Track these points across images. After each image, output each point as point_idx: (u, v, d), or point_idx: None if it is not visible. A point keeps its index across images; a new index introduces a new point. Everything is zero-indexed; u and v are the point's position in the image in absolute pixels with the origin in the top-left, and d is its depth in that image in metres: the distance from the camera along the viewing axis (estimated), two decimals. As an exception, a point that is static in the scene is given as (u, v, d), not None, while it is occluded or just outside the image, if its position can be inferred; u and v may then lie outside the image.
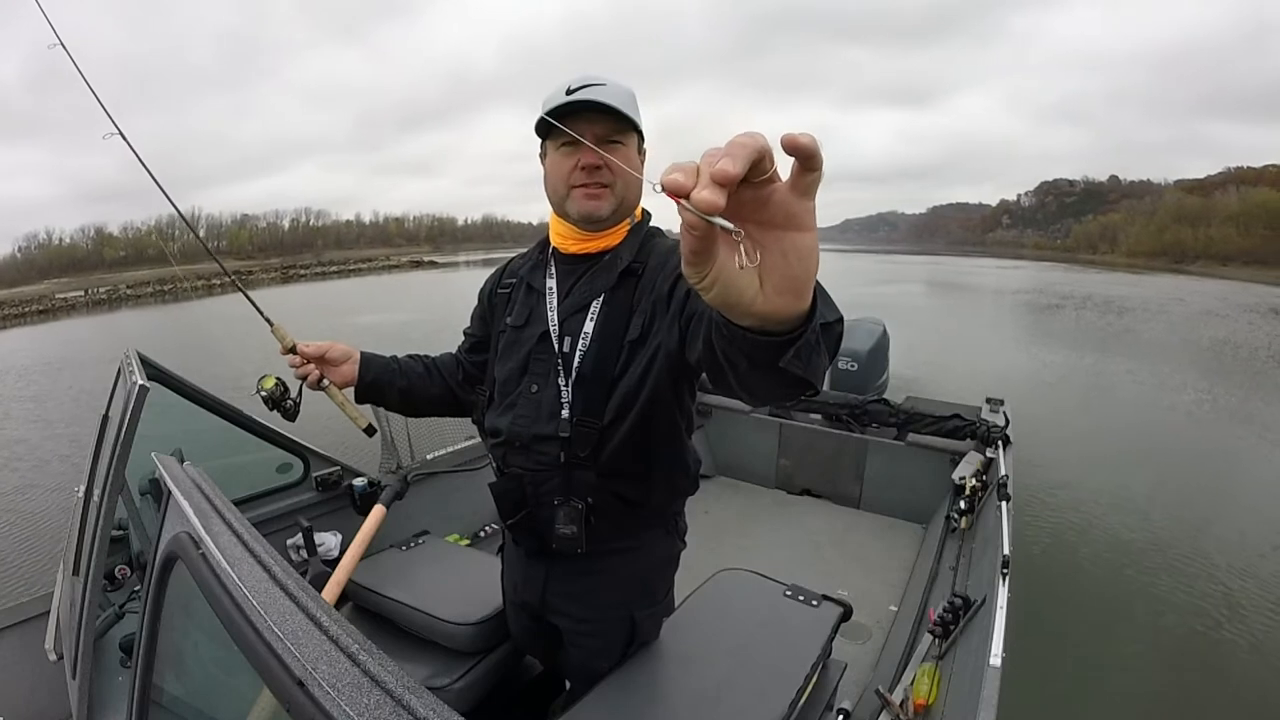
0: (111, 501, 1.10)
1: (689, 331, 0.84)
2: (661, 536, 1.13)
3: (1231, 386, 8.26)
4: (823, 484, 3.13)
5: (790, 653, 1.22)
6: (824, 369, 0.58)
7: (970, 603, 1.67)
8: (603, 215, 0.97)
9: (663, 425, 0.99)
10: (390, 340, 9.84)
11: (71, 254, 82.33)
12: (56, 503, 4.46)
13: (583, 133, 0.92)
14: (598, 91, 0.92)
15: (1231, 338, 12.95)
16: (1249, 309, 20.01)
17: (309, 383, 1.14)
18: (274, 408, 1.22)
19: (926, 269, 43.58)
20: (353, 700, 0.37)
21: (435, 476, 2.39)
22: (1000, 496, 2.02)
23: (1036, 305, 20.30)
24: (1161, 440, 6.16)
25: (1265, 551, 3.67)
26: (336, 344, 1.15)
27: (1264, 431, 6.32)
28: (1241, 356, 10.70)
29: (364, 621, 1.54)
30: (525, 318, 1.05)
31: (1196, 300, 22.64)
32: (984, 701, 1.17)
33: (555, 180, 0.98)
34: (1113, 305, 19.89)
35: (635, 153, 0.99)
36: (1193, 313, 18.12)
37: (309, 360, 1.13)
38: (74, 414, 7.17)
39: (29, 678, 1.44)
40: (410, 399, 1.22)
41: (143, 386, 1.09)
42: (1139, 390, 8.15)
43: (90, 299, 32.11)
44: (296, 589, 0.48)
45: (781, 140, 0.36)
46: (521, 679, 1.57)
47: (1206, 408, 7.31)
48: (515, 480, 1.03)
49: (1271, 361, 10.26)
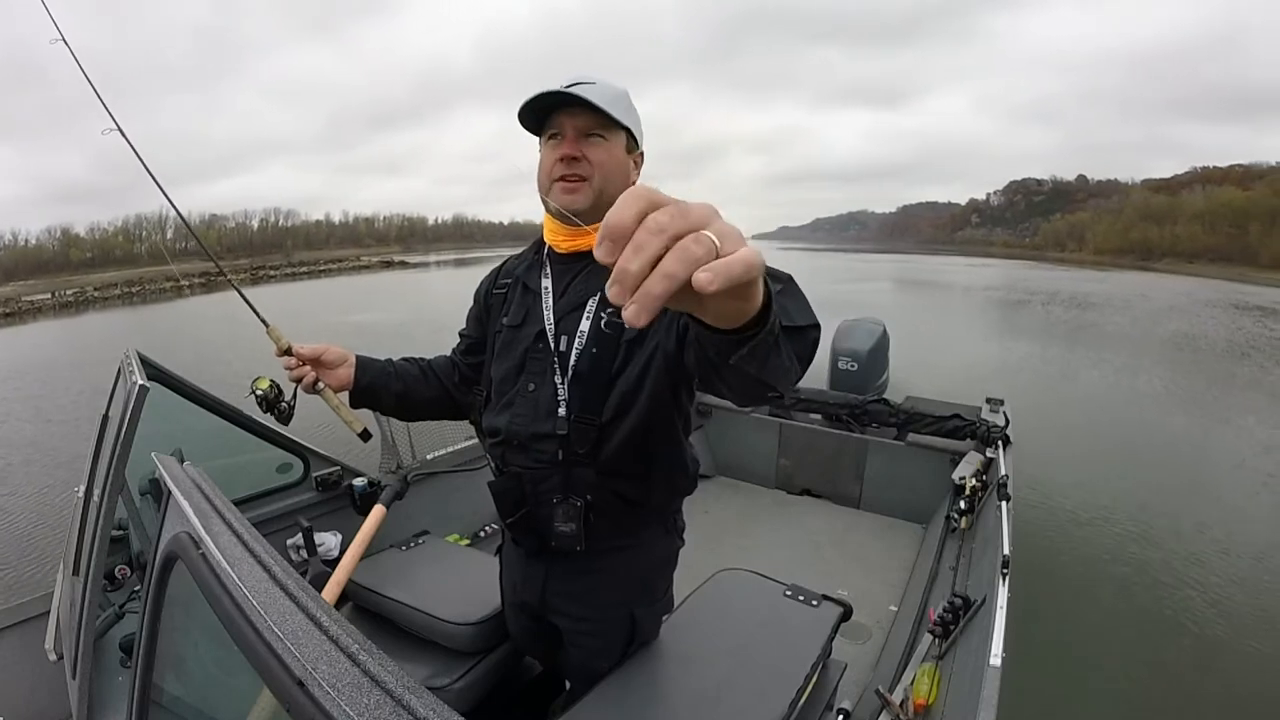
0: (111, 501, 1.10)
1: (686, 337, 0.84)
2: (660, 534, 1.13)
3: (1180, 374, 9.07)
4: (823, 484, 3.13)
5: (790, 653, 1.22)
6: (787, 371, 0.58)
7: (970, 603, 1.67)
8: (580, 208, 0.97)
9: (662, 425, 0.99)
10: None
11: (38, 255, 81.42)
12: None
13: (563, 126, 0.94)
14: (583, 88, 0.92)
15: (1190, 331, 13.87)
16: (1211, 304, 21.08)
17: (304, 385, 1.12)
18: (268, 410, 1.19)
19: (896, 267, 44.71)
20: (353, 700, 0.37)
21: (435, 476, 2.39)
22: (1000, 496, 2.02)
23: (1005, 301, 21.16)
24: (1117, 418, 6.77)
25: (1230, 546, 3.75)
26: (332, 346, 1.13)
27: (1214, 413, 7.05)
28: (1199, 348, 11.62)
29: (364, 621, 1.54)
30: (521, 317, 1.06)
31: (1160, 296, 23.59)
32: (984, 701, 1.17)
33: (541, 173, 0.99)
34: (1077, 301, 20.71)
35: (621, 151, 0.99)
36: (1155, 308, 19.05)
37: (304, 362, 1.11)
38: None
39: (29, 678, 1.44)
40: (406, 402, 1.20)
41: (143, 386, 1.09)
42: (1098, 375, 8.93)
43: (58, 301, 31.18)
44: (296, 589, 0.48)
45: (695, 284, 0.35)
46: (521, 679, 1.57)
47: (1160, 392, 8.03)
48: (514, 479, 1.03)
49: (1227, 354, 11.08)
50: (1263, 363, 10.34)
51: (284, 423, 1.22)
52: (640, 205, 0.36)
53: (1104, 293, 24.29)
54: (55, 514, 4.22)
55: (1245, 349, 11.68)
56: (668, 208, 0.36)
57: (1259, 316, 17.69)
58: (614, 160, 0.98)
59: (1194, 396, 7.82)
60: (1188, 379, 8.75)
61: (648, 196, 0.36)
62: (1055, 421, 6.15)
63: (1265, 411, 7.15)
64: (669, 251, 0.35)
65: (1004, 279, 32.79)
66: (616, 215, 0.35)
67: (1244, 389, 8.42)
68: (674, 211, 0.36)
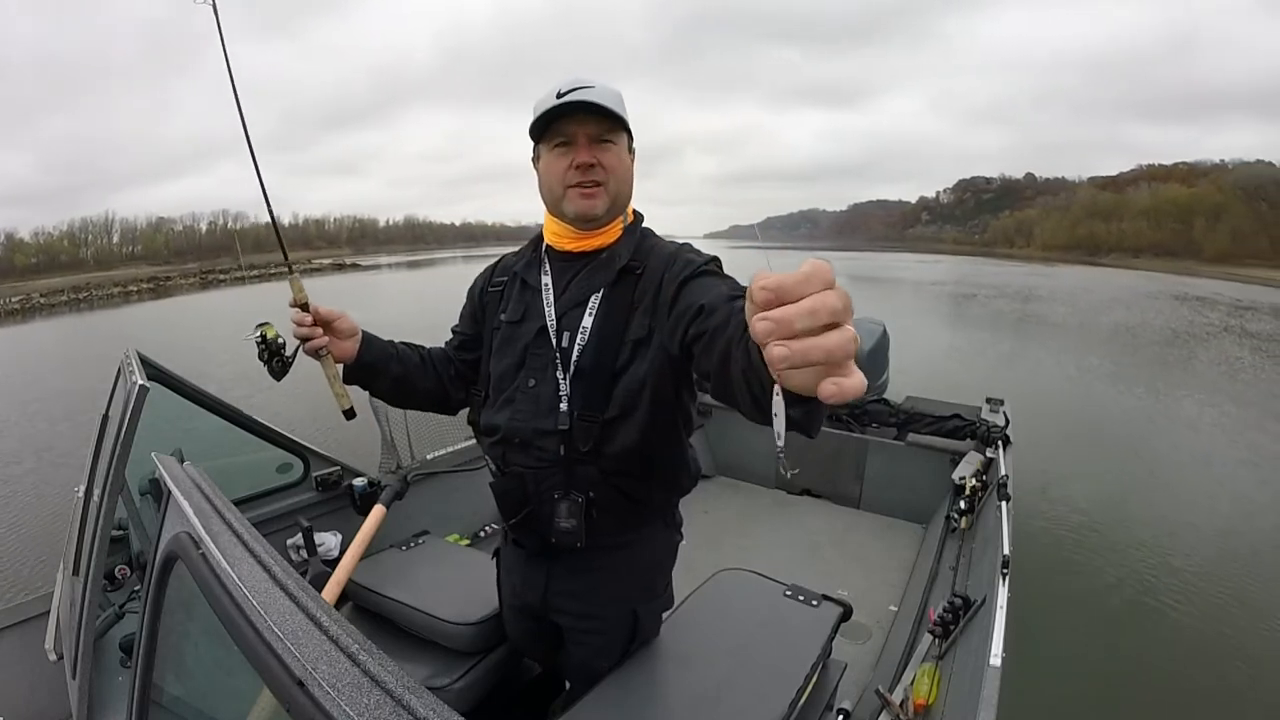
0: (111, 501, 1.10)
1: (697, 345, 0.83)
2: (660, 529, 1.13)
3: (1108, 356, 10.31)
4: (823, 484, 3.13)
5: (790, 653, 1.22)
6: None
7: (970, 603, 1.67)
8: (598, 214, 0.98)
9: (664, 423, 1.00)
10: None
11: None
12: None
13: (574, 134, 0.94)
14: (588, 93, 0.93)
15: (1127, 321, 15.19)
16: (1152, 296, 22.65)
17: (309, 347, 1.04)
18: (266, 360, 1.10)
19: (848, 264, 45.59)
20: (353, 700, 0.37)
21: (435, 476, 2.39)
22: (1000, 496, 2.02)
23: (954, 295, 22.33)
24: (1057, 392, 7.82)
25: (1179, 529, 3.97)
26: (348, 315, 1.07)
27: (1143, 387, 8.13)
28: (1136, 336, 12.89)
29: (364, 621, 1.54)
30: (521, 313, 1.05)
31: (1103, 290, 24.92)
32: (984, 701, 1.17)
33: (550, 180, 0.98)
34: (1021, 294, 21.96)
35: (626, 152, 1.00)
36: (1097, 301, 20.26)
37: (318, 323, 1.04)
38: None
39: (29, 678, 1.44)
40: (401, 388, 1.15)
41: (143, 386, 1.08)
42: (1036, 360, 10.07)
43: (2, 309, 29.63)
44: (296, 589, 0.48)
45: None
46: (521, 679, 1.57)
47: (1090, 375, 9.01)
48: (516, 478, 1.03)
49: (1158, 342, 12.23)
50: (1194, 348, 11.70)
51: (276, 379, 1.13)
52: (819, 285, 0.41)
53: (1050, 287, 25.59)
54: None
55: (1181, 336, 13.07)
56: (843, 294, 0.41)
57: (1197, 307, 19.40)
58: (624, 163, 0.99)
59: (1124, 374, 8.95)
60: (1122, 362, 9.95)
61: (827, 279, 0.41)
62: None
63: (1190, 387, 8.25)
64: (833, 341, 0.40)
65: (953, 274, 34.18)
66: (799, 286, 0.41)
67: (1174, 369, 9.68)
68: (846, 301, 0.41)
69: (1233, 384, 8.61)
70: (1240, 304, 20.94)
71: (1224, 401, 7.47)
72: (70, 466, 4.70)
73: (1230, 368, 9.82)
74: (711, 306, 0.81)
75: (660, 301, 0.94)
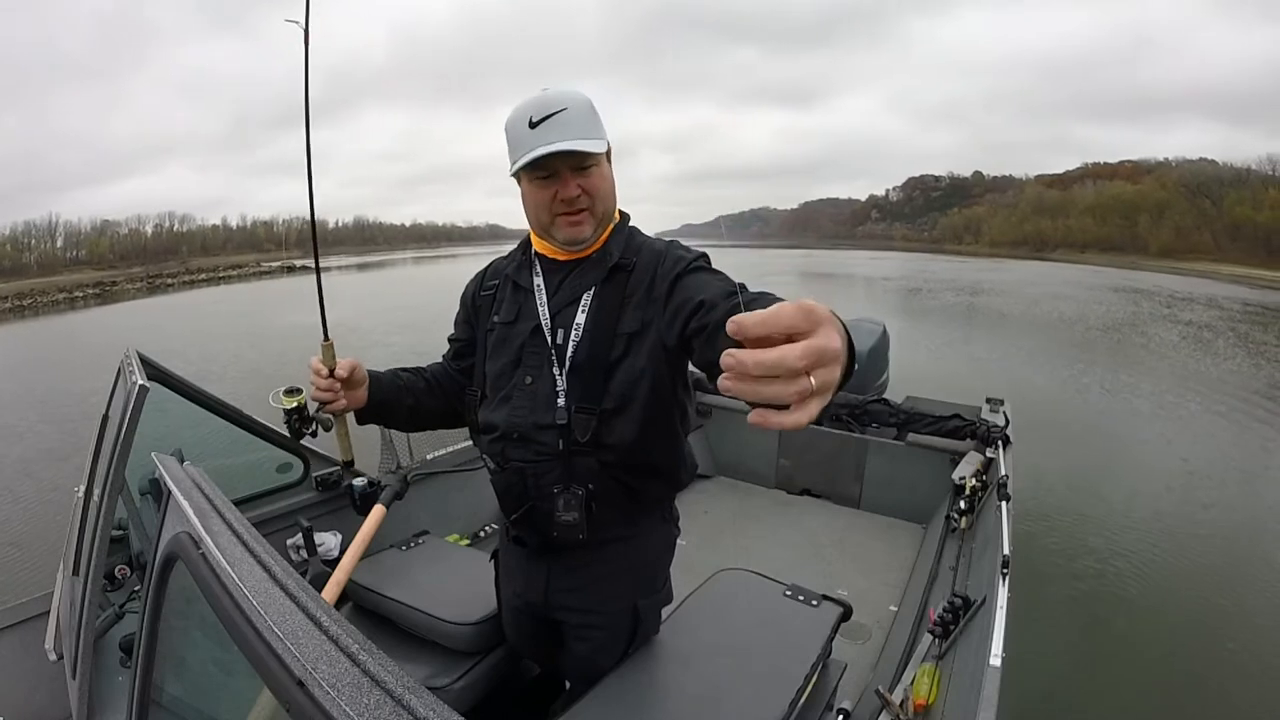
0: (111, 501, 1.10)
1: (698, 339, 0.88)
2: (658, 523, 1.14)
3: (1048, 343, 11.53)
4: (823, 484, 3.12)
5: (790, 653, 1.22)
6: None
7: (970, 603, 1.67)
8: (586, 236, 1.00)
9: (662, 416, 1.01)
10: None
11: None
12: None
13: (557, 168, 0.94)
14: (565, 129, 0.92)
15: (1067, 312, 16.42)
16: (1094, 288, 23.93)
17: (331, 409, 1.07)
18: (295, 427, 1.13)
19: (800, 261, 46.98)
20: (353, 700, 0.37)
21: (435, 476, 2.39)
22: (1000, 496, 2.01)
23: (903, 289, 23.68)
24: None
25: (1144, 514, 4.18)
26: (358, 364, 1.09)
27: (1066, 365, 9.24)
28: (1073, 323, 14.29)
29: (364, 621, 1.54)
30: (515, 314, 1.06)
31: (1048, 284, 26.04)
32: (984, 701, 1.17)
33: (536, 209, 1.00)
34: (968, 288, 23.18)
35: (607, 165, 1.01)
36: (1040, 294, 21.46)
37: (340, 383, 1.06)
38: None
39: (29, 678, 1.44)
40: (416, 417, 1.19)
41: (143, 386, 1.09)
42: (976, 345, 11.31)
43: None
44: (296, 589, 0.48)
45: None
46: (521, 679, 1.57)
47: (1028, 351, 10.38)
48: (516, 474, 1.04)
49: (1092, 330, 13.49)
50: (1127, 334, 13.07)
51: (297, 439, 1.17)
52: (807, 365, 0.43)
53: (995, 280, 26.98)
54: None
55: (1115, 324, 14.49)
56: (832, 369, 0.45)
57: (1135, 298, 21.24)
58: (606, 180, 1.00)
59: (1056, 355, 10.14)
60: (1055, 346, 11.16)
61: (820, 357, 0.44)
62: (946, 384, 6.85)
63: (1102, 367, 9.36)
64: (772, 390, 0.44)
65: (902, 270, 35.40)
66: (787, 363, 0.43)
67: (1103, 353, 10.71)
68: (809, 361, 0.43)
69: (1161, 362, 9.95)
70: (1177, 295, 22.65)
71: (1145, 377, 8.73)
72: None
73: (1158, 349, 11.27)
74: (711, 302, 0.86)
75: (654, 296, 0.97)
